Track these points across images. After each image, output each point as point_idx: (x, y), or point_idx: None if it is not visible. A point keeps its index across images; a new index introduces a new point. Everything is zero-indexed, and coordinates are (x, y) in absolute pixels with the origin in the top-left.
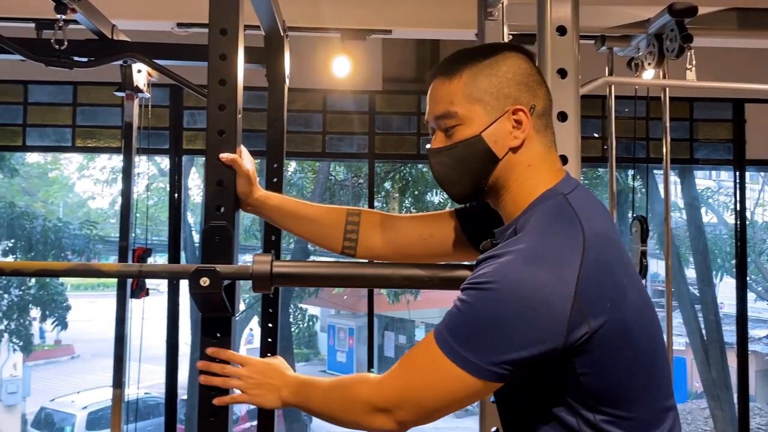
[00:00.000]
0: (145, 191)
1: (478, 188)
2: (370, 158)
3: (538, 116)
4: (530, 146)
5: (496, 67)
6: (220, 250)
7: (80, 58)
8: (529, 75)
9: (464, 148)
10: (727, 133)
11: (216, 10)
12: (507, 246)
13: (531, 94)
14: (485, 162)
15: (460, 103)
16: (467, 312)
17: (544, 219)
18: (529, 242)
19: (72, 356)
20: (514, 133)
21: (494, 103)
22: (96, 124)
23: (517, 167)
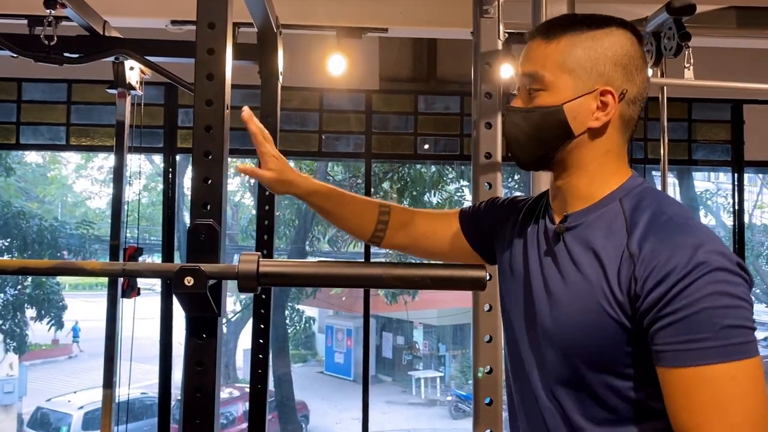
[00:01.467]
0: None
1: (545, 158)
2: (366, 158)
3: (627, 103)
4: (611, 132)
5: (598, 40)
6: (206, 248)
7: (70, 54)
8: (631, 57)
9: (541, 115)
10: (726, 135)
11: (204, 3)
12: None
13: (626, 77)
14: (559, 135)
15: (551, 69)
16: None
17: (664, 205)
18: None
19: (69, 356)
20: (596, 114)
21: (585, 77)
22: (91, 122)
23: (593, 150)
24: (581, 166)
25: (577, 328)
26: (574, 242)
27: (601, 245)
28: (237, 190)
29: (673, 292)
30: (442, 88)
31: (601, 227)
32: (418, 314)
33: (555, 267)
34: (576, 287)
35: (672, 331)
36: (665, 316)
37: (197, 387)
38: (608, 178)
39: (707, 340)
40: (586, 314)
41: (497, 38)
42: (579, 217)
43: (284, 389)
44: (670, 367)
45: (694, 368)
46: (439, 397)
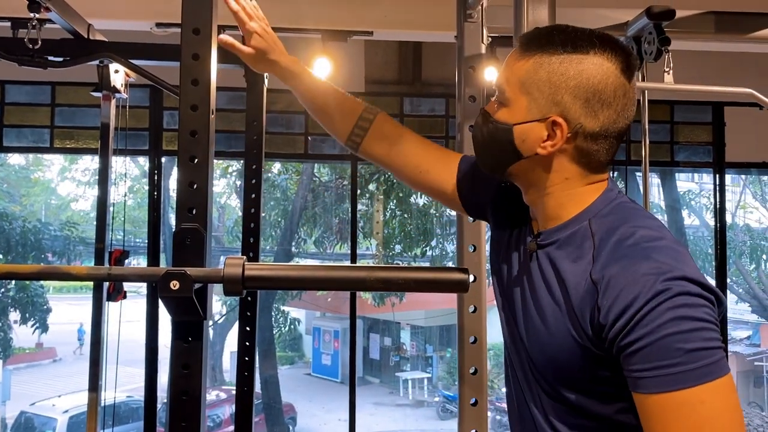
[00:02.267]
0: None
1: (498, 170)
2: (353, 160)
3: (585, 137)
4: (566, 163)
5: (566, 65)
6: (192, 252)
7: (55, 58)
8: (596, 91)
9: (494, 129)
10: (707, 136)
11: (189, 8)
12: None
13: (586, 111)
14: (507, 153)
15: (512, 87)
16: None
17: (633, 228)
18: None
19: (53, 359)
20: (544, 143)
21: (542, 102)
22: (75, 124)
23: (551, 175)
24: (541, 188)
25: (548, 349)
26: (545, 261)
27: (568, 270)
28: (223, 191)
29: (635, 321)
30: (427, 91)
31: (569, 250)
32: (406, 315)
33: (528, 283)
34: (545, 309)
35: (639, 358)
36: (630, 344)
37: (183, 390)
38: (576, 199)
39: (673, 366)
40: (555, 336)
41: (481, 42)
42: (550, 236)
43: (271, 391)
44: (644, 393)
45: (665, 394)
46: (427, 398)
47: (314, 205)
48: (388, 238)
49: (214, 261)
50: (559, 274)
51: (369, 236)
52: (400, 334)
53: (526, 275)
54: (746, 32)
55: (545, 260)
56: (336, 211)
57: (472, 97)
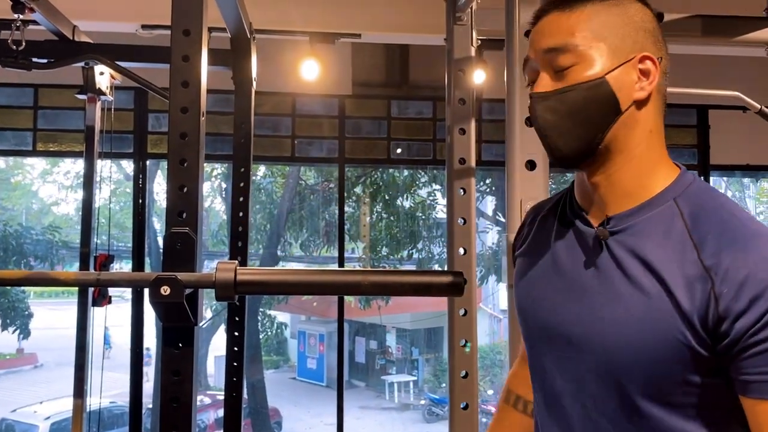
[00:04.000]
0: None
1: (592, 144)
2: (340, 163)
3: (662, 74)
4: (652, 108)
5: (623, 7)
6: (182, 257)
7: (39, 59)
8: (656, 26)
9: (583, 91)
10: (692, 139)
11: (179, 10)
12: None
13: (657, 46)
14: (606, 111)
15: (583, 38)
16: None
17: (731, 209)
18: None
19: (35, 365)
20: (640, 84)
21: (621, 45)
22: (58, 127)
23: (637, 129)
24: (626, 152)
25: (631, 350)
26: (621, 250)
27: (659, 255)
28: (208, 194)
29: (765, 319)
30: (414, 94)
31: (655, 233)
32: (391, 318)
33: (598, 279)
34: (629, 303)
35: (762, 360)
36: (761, 342)
37: (174, 397)
38: (656, 169)
39: None
40: (643, 333)
41: (470, 45)
42: (625, 220)
43: (257, 396)
44: (756, 399)
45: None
46: (413, 401)
47: (300, 208)
48: (375, 240)
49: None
50: (648, 260)
51: (355, 239)
52: (386, 337)
53: (590, 275)
54: (732, 36)
55: (620, 248)
56: (322, 214)
57: (462, 100)
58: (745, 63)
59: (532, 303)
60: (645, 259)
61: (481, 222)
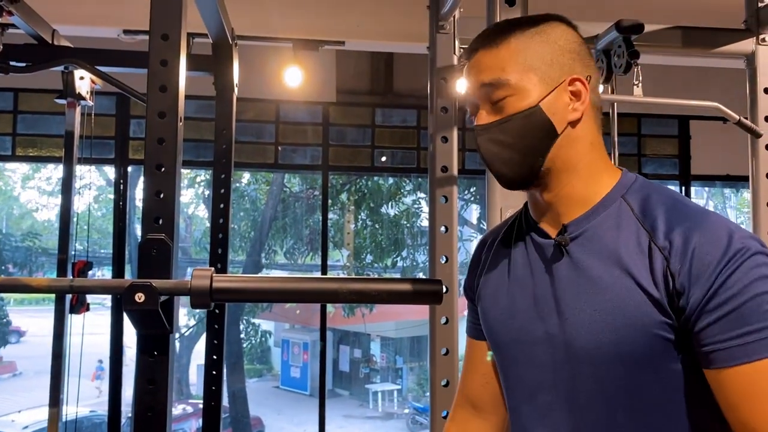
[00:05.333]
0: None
1: (533, 168)
2: (323, 170)
3: (592, 90)
4: (588, 123)
5: (545, 34)
6: (158, 264)
7: (17, 63)
8: (580, 44)
9: (520, 121)
10: (673, 149)
11: (157, 14)
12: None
13: (584, 64)
14: (543, 136)
15: (513, 71)
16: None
17: (673, 196)
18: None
19: (14, 374)
20: (573, 105)
21: (549, 71)
22: (38, 132)
23: (577, 145)
24: (571, 168)
25: (611, 347)
26: (581, 253)
27: (618, 250)
28: (191, 201)
29: (718, 283)
30: (399, 102)
31: (610, 230)
32: (376, 327)
33: (565, 286)
34: (598, 302)
35: (722, 326)
36: (712, 310)
37: (149, 406)
38: (601, 176)
39: (762, 331)
40: (618, 329)
41: (453, 53)
42: (581, 224)
43: (239, 405)
44: (724, 368)
45: (752, 363)
46: (397, 410)
47: (284, 216)
48: (359, 248)
49: (181, 272)
50: (607, 258)
51: (340, 246)
52: (370, 345)
53: (559, 277)
54: (712, 47)
55: (580, 251)
56: (306, 222)
57: (444, 108)
58: (725, 74)
59: (503, 322)
60: (608, 253)
61: (465, 230)
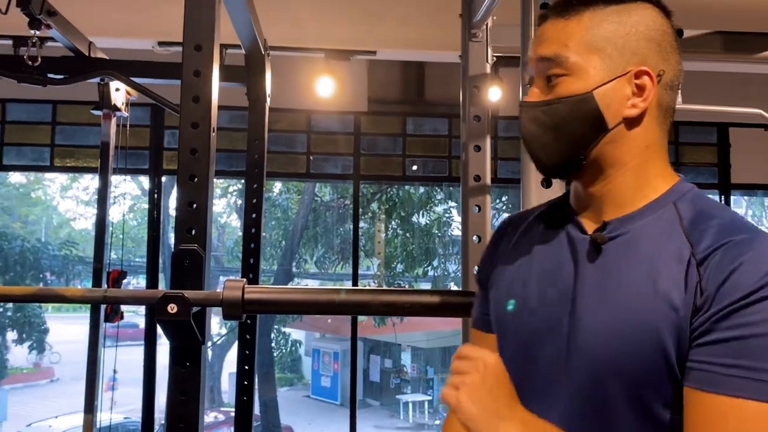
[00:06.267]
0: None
1: (575, 159)
2: (355, 179)
3: (665, 87)
4: (649, 123)
5: (626, 14)
6: (190, 274)
7: (55, 75)
8: (665, 33)
9: (567, 106)
10: (712, 157)
11: (191, 25)
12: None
13: (662, 56)
14: (590, 128)
15: (575, 49)
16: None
17: (732, 214)
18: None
19: (51, 379)
20: (633, 100)
21: (617, 57)
22: (75, 143)
23: (631, 145)
24: (618, 165)
25: (615, 356)
26: (617, 255)
27: (658, 259)
28: (223, 211)
29: (736, 306)
30: (430, 111)
31: (653, 237)
32: (407, 337)
33: (590, 285)
34: (623, 310)
35: (721, 349)
36: (718, 331)
37: (180, 417)
38: (653, 179)
39: (759, 371)
40: (627, 340)
41: (485, 62)
42: (624, 224)
43: (270, 414)
44: (705, 390)
45: (736, 399)
46: (428, 421)
47: (315, 225)
48: (390, 257)
49: (213, 281)
50: (648, 261)
51: (370, 256)
52: (400, 355)
53: (587, 275)
54: (753, 52)
55: (617, 253)
56: (337, 231)
57: (477, 117)
58: (764, 80)
59: (518, 314)
60: (640, 265)
61: None
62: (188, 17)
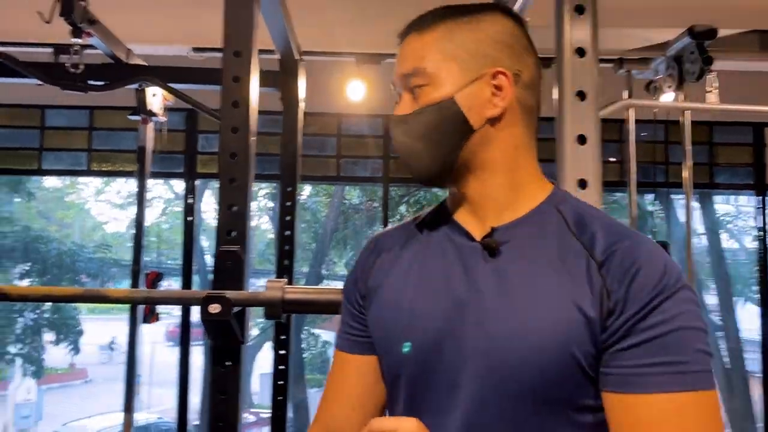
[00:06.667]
0: (161, 215)
1: (447, 163)
2: (384, 182)
3: (524, 87)
4: (514, 123)
5: (476, 23)
6: (232, 275)
7: (95, 82)
8: (516, 37)
9: (432, 113)
10: (748, 157)
11: (230, 31)
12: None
13: (516, 58)
14: (457, 131)
15: (432, 60)
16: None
17: (606, 216)
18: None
19: (85, 380)
20: (493, 101)
21: (471, 62)
22: (111, 148)
23: (501, 146)
24: (490, 168)
25: (525, 364)
26: (513, 259)
27: (556, 261)
28: (254, 213)
29: (649, 308)
30: None
31: (545, 239)
32: None
33: (490, 292)
34: (522, 315)
35: (643, 350)
36: (637, 333)
37: (220, 416)
38: (530, 184)
39: (681, 364)
40: (536, 346)
41: None
42: (513, 230)
43: (301, 415)
44: (632, 393)
45: (672, 395)
46: None
47: (344, 228)
48: None
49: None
50: (543, 265)
51: None
52: None
53: (481, 283)
54: None
55: (512, 258)
56: (366, 234)
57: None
58: None
59: (406, 329)
60: (541, 262)
61: None
62: (228, 24)
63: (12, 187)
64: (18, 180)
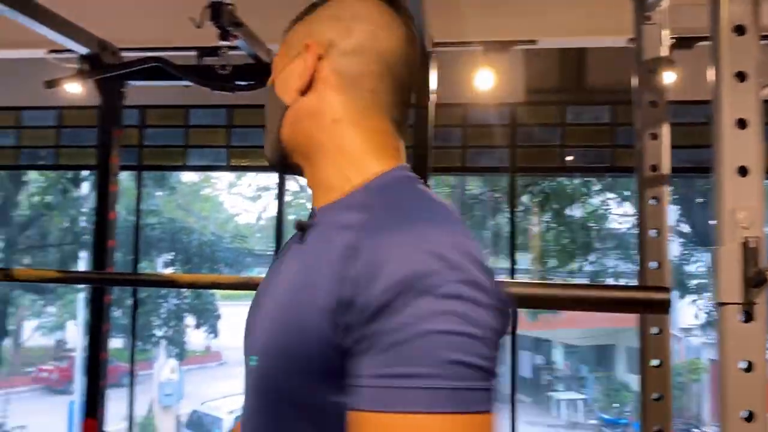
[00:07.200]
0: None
1: (276, 147)
2: (511, 172)
3: (342, 55)
4: (328, 94)
5: (322, 9)
6: None
7: (240, 82)
8: (352, 6)
9: (266, 99)
10: None
11: None
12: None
13: (339, 28)
14: (276, 110)
15: (282, 49)
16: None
17: (425, 199)
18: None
19: (220, 363)
20: (300, 73)
21: (296, 43)
22: (247, 144)
23: (315, 119)
24: (317, 149)
25: (280, 342)
26: (312, 243)
27: (323, 249)
28: None
29: (383, 303)
30: (590, 98)
31: (333, 225)
32: (558, 333)
33: (277, 274)
34: (280, 311)
35: (377, 359)
36: (370, 337)
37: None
38: (362, 162)
39: (422, 378)
40: (279, 338)
41: (660, 44)
42: (324, 212)
43: None
44: (365, 410)
45: (398, 415)
46: (582, 420)
47: (465, 219)
48: (542, 252)
49: None
50: (311, 254)
51: (523, 250)
52: (551, 352)
53: (283, 268)
54: None
55: (312, 241)
56: (487, 224)
57: (653, 102)
58: None
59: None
60: (307, 256)
61: None
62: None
63: (156, 182)
64: (161, 175)
